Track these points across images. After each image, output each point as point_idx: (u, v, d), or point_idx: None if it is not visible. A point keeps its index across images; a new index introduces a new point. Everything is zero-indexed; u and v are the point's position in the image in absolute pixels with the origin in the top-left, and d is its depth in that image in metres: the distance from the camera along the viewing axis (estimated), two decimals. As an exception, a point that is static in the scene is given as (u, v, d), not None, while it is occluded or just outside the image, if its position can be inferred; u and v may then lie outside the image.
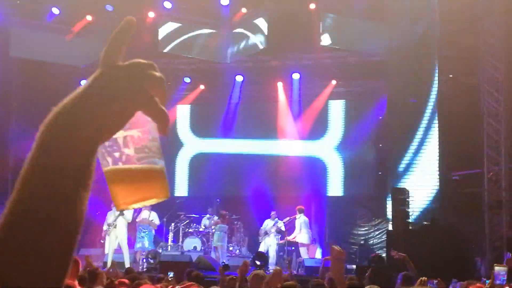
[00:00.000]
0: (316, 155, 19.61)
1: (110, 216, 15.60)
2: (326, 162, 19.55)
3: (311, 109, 19.58)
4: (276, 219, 16.60)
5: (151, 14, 18.06)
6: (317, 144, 19.62)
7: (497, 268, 3.76)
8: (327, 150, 19.57)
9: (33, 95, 18.50)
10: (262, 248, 16.17)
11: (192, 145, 20.86)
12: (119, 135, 1.07)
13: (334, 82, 19.01)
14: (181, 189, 20.47)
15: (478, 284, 4.89)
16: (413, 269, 6.39)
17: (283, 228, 16.44)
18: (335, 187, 19.48)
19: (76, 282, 5.07)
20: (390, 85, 16.66)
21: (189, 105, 20.87)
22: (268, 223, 16.60)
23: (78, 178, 0.98)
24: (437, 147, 15.53)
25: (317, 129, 19.54)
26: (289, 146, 19.88)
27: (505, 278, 3.70)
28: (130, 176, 1.10)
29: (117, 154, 1.09)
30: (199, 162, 20.68)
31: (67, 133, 0.97)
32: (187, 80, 19.78)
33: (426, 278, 4.65)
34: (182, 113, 20.94)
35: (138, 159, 1.10)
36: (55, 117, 1.00)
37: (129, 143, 1.09)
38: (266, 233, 16.41)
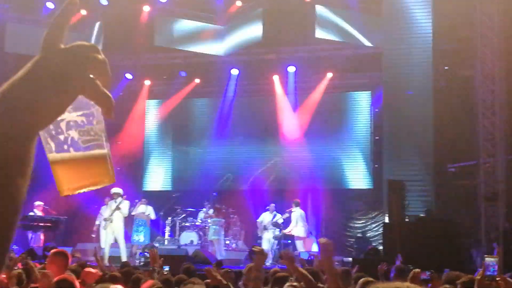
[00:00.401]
0: (312, 148, 19.58)
1: (106, 211, 15.58)
2: (322, 155, 19.53)
3: (307, 102, 19.57)
4: (275, 212, 16.58)
5: (146, 8, 18.03)
6: (313, 137, 19.59)
7: (487, 259, 3.77)
8: (324, 143, 19.55)
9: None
10: (265, 245, 16.15)
11: (190, 140, 20.88)
12: (63, 118, 1.05)
13: (330, 74, 18.99)
14: (178, 183, 20.49)
15: (469, 276, 4.91)
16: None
17: (280, 221, 16.43)
18: (331, 180, 19.47)
19: (74, 276, 5.07)
20: (386, 77, 16.64)
21: (184, 98, 20.86)
22: (265, 217, 16.56)
23: (14, 166, 0.95)
24: (433, 139, 15.53)
25: (313, 122, 19.52)
26: (285, 139, 19.85)
27: (496, 269, 3.71)
28: (75, 161, 1.08)
29: (61, 137, 1.07)
30: (196, 156, 20.68)
31: (2, 119, 0.94)
32: (183, 74, 19.75)
33: (419, 270, 4.65)
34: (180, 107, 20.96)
35: (84, 142, 1.08)
36: None
37: (73, 127, 1.07)
38: (265, 228, 16.35)
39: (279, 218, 16.43)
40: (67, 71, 0.97)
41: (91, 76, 1.00)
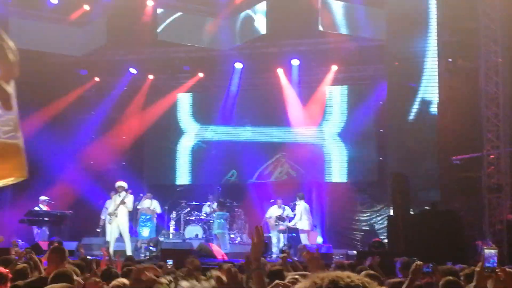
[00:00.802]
0: (316, 141, 19.61)
1: (110, 205, 15.62)
2: (327, 148, 19.55)
3: (311, 95, 19.55)
4: (283, 206, 16.60)
5: (150, 3, 18.01)
6: (318, 130, 19.62)
7: (487, 251, 3.76)
8: (328, 136, 19.57)
9: (32, 84, 18.48)
10: (274, 240, 16.20)
11: (193, 133, 20.90)
12: None
13: (335, 67, 18.97)
14: (183, 177, 20.54)
15: (472, 267, 4.92)
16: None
17: (291, 215, 16.45)
18: (336, 173, 19.49)
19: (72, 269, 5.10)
20: (390, 70, 16.62)
21: (189, 93, 20.90)
22: (274, 211, 16.55)
23: None
24: (437, 131, 15.51)
25: (318, 115, 19.53)
26: (289, 132, 19.87)
27: (496, 260, 3.71)
28: None
29: None
30: (200, 150, 20.73)
31: None
32: (186, 68, 19.75)
33: (421, 262, 4.66)
34: (182, 101, 20.99)
35: (4, 133, 1.05)
36: None
37: None
38: (276, 223, 16.36)
39: (290, 212, 16.45)
40: None
41: None
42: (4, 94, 0.98)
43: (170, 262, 8.89)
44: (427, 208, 14.48)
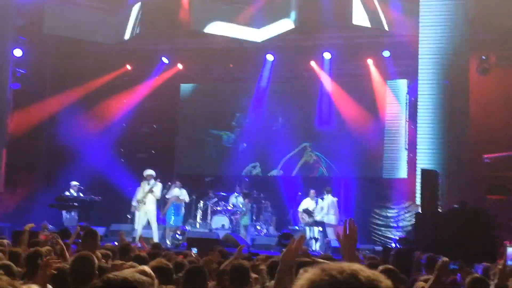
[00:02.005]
0: (346, 135, 19.52)
1: (139, 193, 15.75)
2: (356, 143, 19.45)
3: (343, 89, 19.47)
4: (316, 198, 16.59)
5: (184, -8, 18.05)
6: (348, 124, 19.51)
7: (510, 249, 3.72)
8: (358, 130, 19.47)
9: (67, 72, 18.70)
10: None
11: (223, 124, 20.99)
12: None
13: (370, 61, 18.86)
14: (211, 167, 20.61)
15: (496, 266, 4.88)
16: None
17: (325, 207, 16.43)
18: (364, 168, 19.40)
19: (99, 254, 5.15)
20: (422, 65, 16.44)
21: (219, 84, 20.96)
22: (307, 204, 16.57)
23: None
24: (468, 129, 15.34)
25: (348, 109, 19.44)
26: (319, 126, 19.81)
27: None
28: None
29: None
30: (229, 141, 20.80)
31: None
32: (217, 58, 19.77)
33: (447, 259, 4.61)
34: (212, 92, 21.06)
35: None
36: None
37: None
38: (311, 215, 16.38)
39: (324, 205, 16.38)
40: None
41: None
42: None
43: (194, 250, 8.96)
44: (456, 206, 14.33)
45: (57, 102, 18.69)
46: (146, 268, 4.45)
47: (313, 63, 19.36)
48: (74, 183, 16.99)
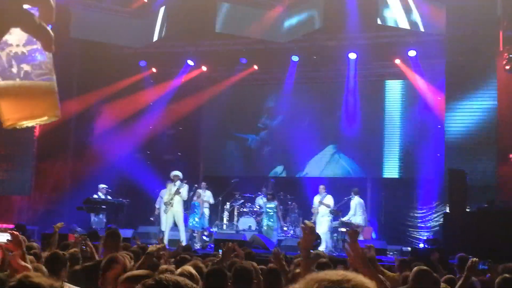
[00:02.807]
0: (373, 135, 19.45)
1: (165, 195, 15.82)
2: (383, 143, 19.38)
3: (368, 89, 19.41)
4: (325, 193, 16.49)
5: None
6: (374, 124, 19.45)
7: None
8: (385, 131, 19.41)
9: (93, 75, 18.86)
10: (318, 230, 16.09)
11: (248, 125, 21.05)
12: (7, 50, 1.05)
13: (397, 61, 18.75)
14: (237, 168, 20.66)
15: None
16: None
17: (330, 203, 16.33)
18: (391, 168, 19.32)
19: (126, 256, 5.19)
20: (450, 65, 16.34)
21: (245, 85, 21.00)
22: (315, 200, 16.58)
23: None
24: (497, 128, 15.20)
25: (374, 109, 19.38)
26: (346, 126, 19.76)
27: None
28: (21, 89, 1.07)
29: (14, 70, 1.06)
30: (255, 143, 20.85)
31: None
32: (243, 60, 19.80)
33: (477, 259, 4.58)
34: (239, 93, 21.11)
35: (36, 76, 1.06)
36: None
37: (24, 60, 1.06)
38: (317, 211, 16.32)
39: (330, 201, 16.25)
40: None
41: (28, 8, 0.99)
42: (47, 35, 0.99)
43: (221, 251, 8.96)
44: (484, 206, 14.20)
45: (83, 105, 18.84)
46: (192, 269, 4.50)
47: (338, 64, 19.29)
48: (102, 186, 17.13)
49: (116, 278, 4.14)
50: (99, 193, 17.00)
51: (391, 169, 19.34)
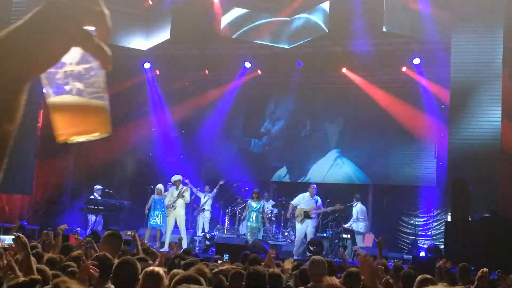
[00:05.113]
0: (375, 142, 19.44)
1: (167, 197, 15.78)
2: (386, 150, 19.36)
3: (372, 96, 19.37)
4: (315, 197, 15.64)
5: (216, -1, 18.09)
6: (377, 131, 19.43)
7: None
8: (387, 137, 19.39)
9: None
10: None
11: (250, 130, 21.05)
12: (64, 68, 1.09)
13: (404, 69, 18.74)
14: (239, 173, 20.64)
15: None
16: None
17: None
18: (394, 176, 19.29)
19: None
20: (454, 73, 16.29)
21: (247, 90, 20.98)
22: (304, 201, 15.68)
23: (2, 111, 0.98)
24: (500, 137, 15.16)
25: (378, 116, 19.33)
26: (348, 132, 19.75)
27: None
28: (75, 106, 1.11)
29: (67, 88, 1.10)
30: (258, 147, 20.84)
31: None
32: (248, 65, 19.79)
33: (487, 269, 4.54)
34: (240, 98, 21.10)
35: (88, 94, 1.11)
36: None
37: (78, 78, 1.10)
38: (307, 215, 15.45)
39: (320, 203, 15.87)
40: (61, 22, 0.99)
41: (88, 28, 1.02)
42: (106, 55, 0.99)
43: (226, 256, 8.95)
44: (487, 215, 14.16)
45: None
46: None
47: (344, 70, 19.29)
48: (98, 186, 17.13)
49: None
50: (95, 194, 16.99)
51: (393, 176, 19.31)
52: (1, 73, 0.96)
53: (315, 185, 15.97)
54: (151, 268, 4.58)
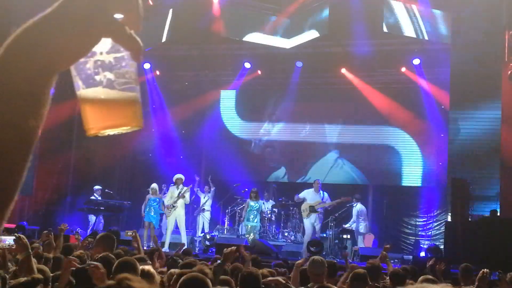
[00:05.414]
0: (374, 142, 19.46)
1: (167, 198, 15.75)
2: (385, 151, 19.37)
3: (372, 96, 19.38)
4: (320, 191, 15.82)
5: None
6: (377, 131, 19.44)
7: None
8: (387, 138, 19.39)
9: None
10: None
11: (250, 130, 21.05)
12: (94, 58, 1.05)
13: (403, 69, 18.75)
14: (239, 173, 20.64)
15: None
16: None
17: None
18: (393, 176, 19.30)
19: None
20: (454, 74, 16.30)
21: (247, 90, 20.98)
22: (310, 196, 15.78)
23: (28, 105, 0.93)
24: (500, 138, 15.17)
25: (377, 116, 19.34)
26: (348, 133, 19.75)
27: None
28: (105, 99, 1.06)
29: (98, 78, 1.06)
30: (257, 147, 20.84)
31: (20, 56, 0.92)
32: (247, 65, 19.80)
33: (488, 270, 4.54)
34: (240, 98, 21.12)
35: (119, 84, 1.07)
36: (13, 38, 0.94)
37: (108, 68, 1.06)
38: (313, 210, 15.60)
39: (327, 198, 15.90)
40: (90, 13, 0.95)
41: (119, 17, 0.99)
42: (137, 45, 0.97)
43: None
44: (486, 215, 14.18)
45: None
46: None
47: (344, 70, 19.29)
48: (97, 187, 17.14)
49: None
50: (95, 194, 16.99)
51: (393, 177, 19.32)
52: (27, 66, 0.92)
53: (319, 180, 16.13)
54: (141, 267, 4.62)
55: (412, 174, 19.04)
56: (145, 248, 11.04)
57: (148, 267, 4.72)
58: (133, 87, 1.10)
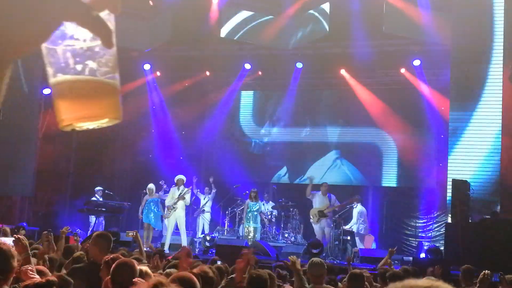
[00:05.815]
0: (375, 143, 19.45)
1: (168, 199, 15.74)
2: (385, 151, 19.36)
3: (373, 97, 19.37)
4: (329, 194, 15.96)
5: (215, 0, 18.09)
6: (377, 132, 19.44)
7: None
8: (387, 139, 19.39)
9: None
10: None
11: (251, 131, 21.04)
12: (70, 44, 0.96)
13: (403, 70, 18.75)
14: (239, 174, 20.63)
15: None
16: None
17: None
18: (393, 177, 19.29)
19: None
20: (454, 75, 16.29)
21: (248, 91, 21.00)
22: (319, 201, 15.97)
23: None
24: (501, 139, 15.16)
25: (378, 117, 19.33)
26: (348, 133, 19.75)
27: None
28: (79, 89, 0.97)
29: (79, 67, 0.97)
30: (257, 148, 20.83)
31: None
32: (247, 66, 19.79)
33: (489, 271, 4.52)
34: (240, 99, 21.13)
35: (102, 74, 0.99)
36: None
37: (91, 57, 0.98)
38: (324, 215, 15.82)
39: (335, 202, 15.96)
40: None
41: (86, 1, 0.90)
42: (105, 30, 0.92)
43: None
44: (487, 217, 14.16)
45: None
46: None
47: (343, 71, 19.28)
48: (98, 188, 17.13)
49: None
50: (96, 196, 16.98)
51: (393, 178, 19.31)
52: None
53: (327, 183, 16.32)
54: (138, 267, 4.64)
55: (412, 175, 19.01)
56: (145, 249, 11.02)
57: (145, 268, 4.71)
58: (113, 76, 1.02)
